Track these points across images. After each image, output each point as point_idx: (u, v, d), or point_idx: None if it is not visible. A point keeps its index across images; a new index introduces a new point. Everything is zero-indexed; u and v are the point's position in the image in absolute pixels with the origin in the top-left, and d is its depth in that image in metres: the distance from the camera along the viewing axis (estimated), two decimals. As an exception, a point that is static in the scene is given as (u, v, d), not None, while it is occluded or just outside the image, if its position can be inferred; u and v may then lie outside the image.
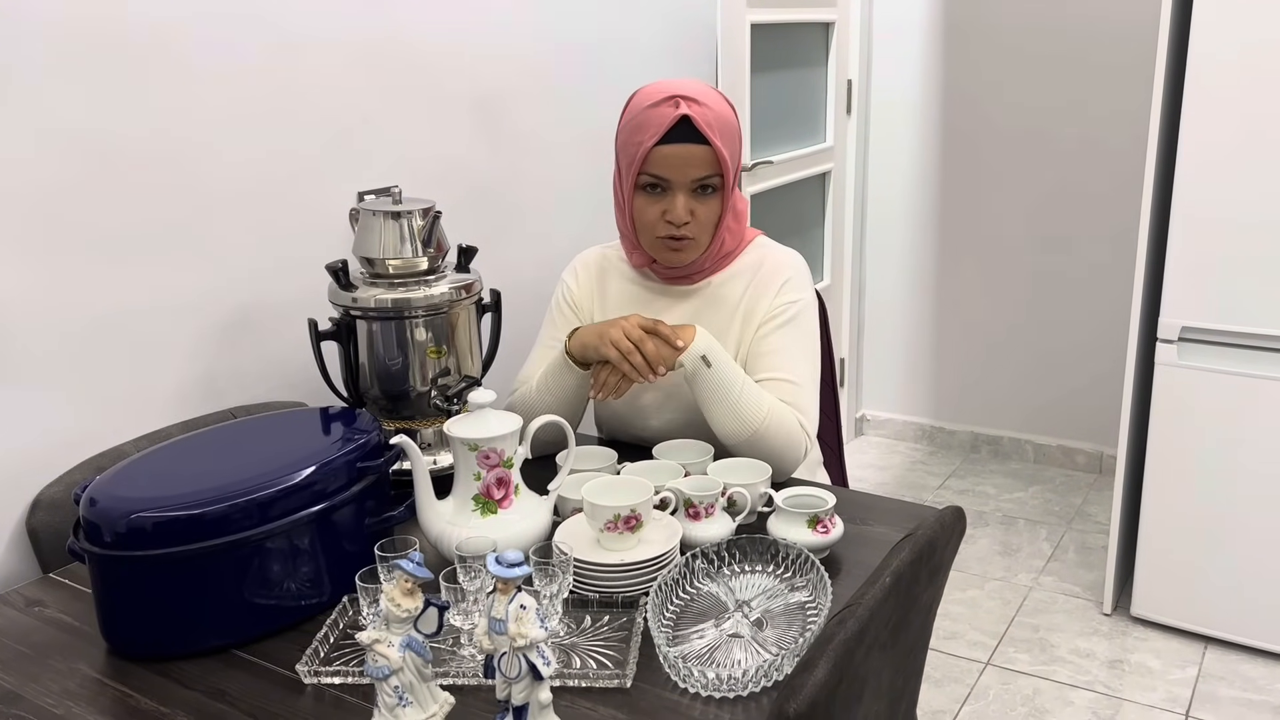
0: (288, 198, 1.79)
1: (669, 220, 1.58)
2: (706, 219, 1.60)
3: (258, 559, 1.21)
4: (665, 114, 1.54)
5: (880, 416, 3.91)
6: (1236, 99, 2.23)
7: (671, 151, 1.55)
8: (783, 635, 1.19)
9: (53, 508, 1.49)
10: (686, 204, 1.57)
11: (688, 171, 1.56)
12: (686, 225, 1.59)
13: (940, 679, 2.44)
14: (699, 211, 1.59)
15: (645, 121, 1.56)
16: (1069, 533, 3.14)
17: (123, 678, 1.17)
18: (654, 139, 1.54)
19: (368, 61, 1.89)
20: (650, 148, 1.55)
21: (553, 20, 2.28)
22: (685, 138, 1.54)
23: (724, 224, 1.64)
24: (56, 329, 1.50)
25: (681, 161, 1.55)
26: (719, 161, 1.56)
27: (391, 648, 1.01)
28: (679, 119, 1.53)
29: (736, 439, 1.55)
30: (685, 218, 1.58)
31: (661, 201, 1.59)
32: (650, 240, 1.63)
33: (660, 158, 1.55)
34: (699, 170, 1.56)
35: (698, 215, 1.59)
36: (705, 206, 1.59)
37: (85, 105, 1.49)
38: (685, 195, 1.57)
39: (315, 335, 1.60)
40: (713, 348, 1.54)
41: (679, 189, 1.57)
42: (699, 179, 1.57)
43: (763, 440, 1.55)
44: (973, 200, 3.54)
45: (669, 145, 1.54)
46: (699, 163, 1.55)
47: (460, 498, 1.33)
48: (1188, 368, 2.40)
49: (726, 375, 1.54)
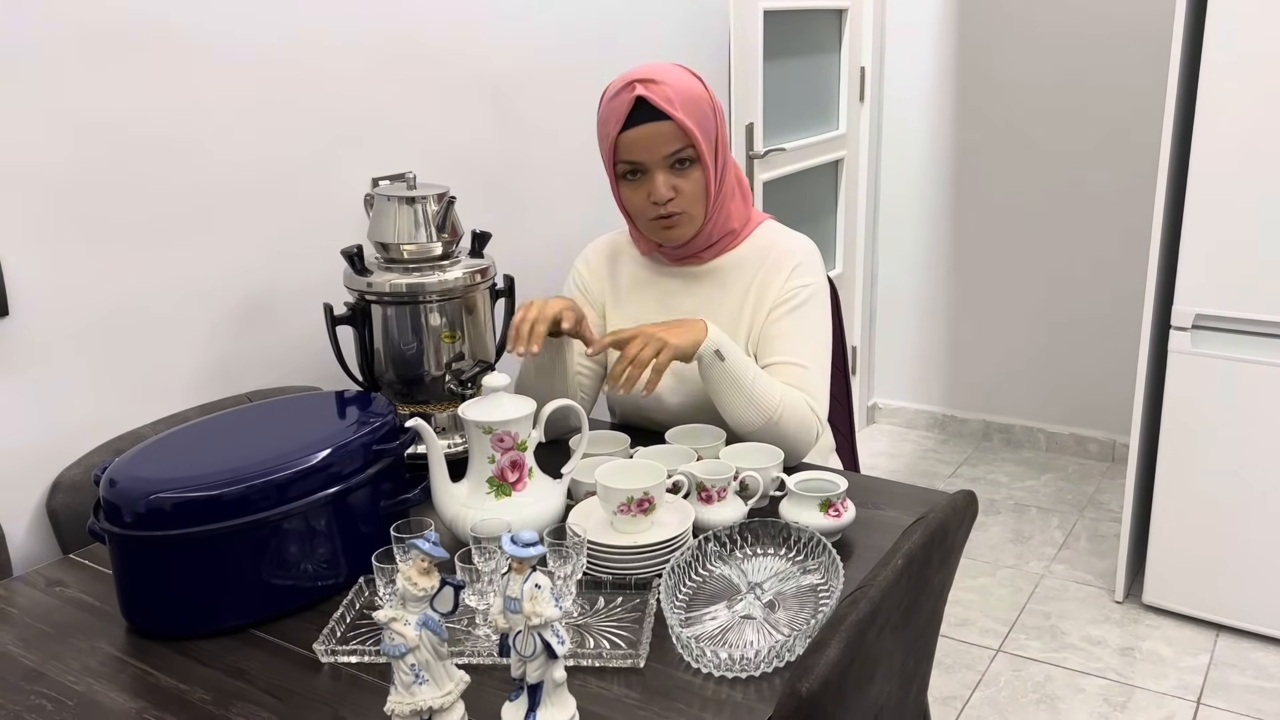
0: (303, 184, 1.80)
1: (654, 201, 1.60)
2: (692, 192, 1.62)
3: (275, 539, 1.23)
4: (622, 100, 1.56)
5: (892, 405, 3.91)
6: (1252, 86, 2.22)
7: (636, 134, 1.57)
8: (794, 617, 1.20)
9: (72, 490, 1.50)
10: (666, 181, 1.59)
11: (657, 150, 1.58)
12: (671, 201, 1.60)
13: (951, 665, 2.45)
14: (681, 186, 1.60)
15: (608, 114, 1.59)
16: (1081, 521, 3.14)
17: (143, 656, 1.18)
18: (618, 127, 1.57)
19: (381, 50, 1.89)
20: (616, 136, 1.58)
21: (565, 8, 2.28)
22: (646, 118, 1.56)
23: (716, 196, 1.65)
24: (75, 315, 1.51)
25: (648, 141, 1.57)
26: (686, 133, 1.57)
27: (408, 626, 1.02)
28: (634, 101, 1.55)
29: (751, 428, 1.56)
30: (667, 194, 1.59)
31: (644, 185, 1.61)
32: (644, 224, 1.66)
33: (628, 143, 1.58)
34: (668, 145, 1.57)
35: (681, 190, 1.61)
36: (687, 180, 1.61)
37: (103, 96, 1.50)
38: (663, 173, 1.59)
39: (331, 320, 1.61)
40: (723, 340, 1.54)
41: (655, 168, 1.59)
42: (671, 154, 1.58)
43: (776, 428, 1.56)
44: (986, 188, 3.53)
45: (633, 129, 1.57)
46: (665, 139, 1.57)
47: (475, 480, 1.34)
48: (1201, 355, 2.39)
49: (739, 367, 1.55)
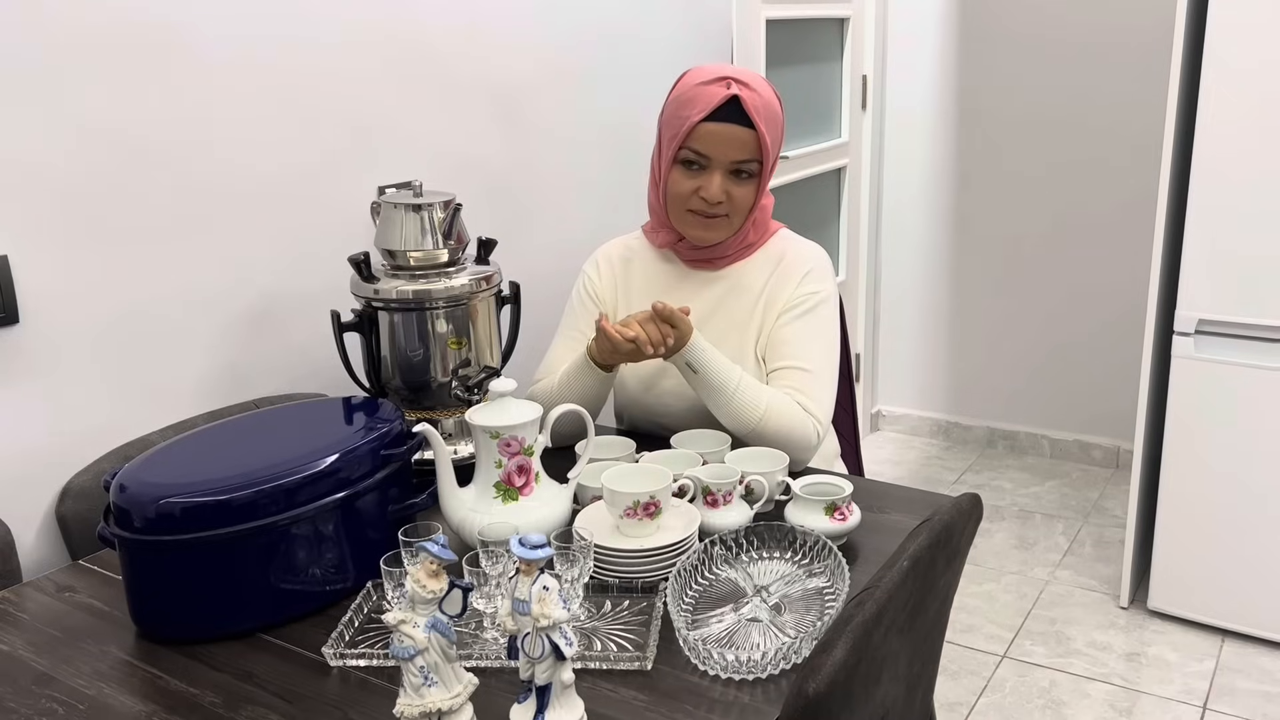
0: (310, 192, 1.81)
1: (703, 197, 1.61)
2: (741, 202, 1.63)
3: (284, 544, 1.23)
4: (715, 92, 1.56)
5: (896, 412, 3.91)
6: (1252, 91, 2.23)
7: (716, 129, 1.57)
8: (801, 620, 1.21)
9: (81, 496, 1.51)
10: (722, 184, 1.60)
11: (728, 152, 1.58)
12: (720, 205, 1.61)
13: (957, 671, 2.45)
14: (734, 194, 1.61)
15: (695, 97, 1.58)
16: (1086, 527, 3.14)
17: (153, 660, 1.19)
18: (701, 114, 1.56)
19: (388, 57, 1.91)
20: (696, 123, 1.57)
21: (569, 16, 2.29)
22: (731, 118, 1.56)
23: (754, 213, 1.66)
24: (84, 322, 1.52)
25: (724, 141, 1.57)
26: (760, 147, 1.58)
27: (417, 628, 1.02)
28: (729, 98, 1.56)
29: (739, 433, 1.59)
30: (720, 197, 1.60)
31: (698, 178, 1.61)
32: (679, 213, 1.65)
33: (704, 134, 1.58)
34: (740, 153, 1.58)
35: (733, 197, 1.61)
36: (741, 190, 1.62)
37: (111, 102, 1.52)
38: (722, 175, 1.60)
39: (338, 326, 1.62)
40: (700, 356, 1.55)
41: (717, 168, 1.60)
42: (738, 161, 1.59)
43: (762, 435, 1.57)
44: (988, 195, 3.54)
45: (714, 123, 1.57)
46: (741, 145, 1.58)
47: (482, 485, 1.35)
48: (1205, 360, 2.40)
49: (717, 378, 1.56)
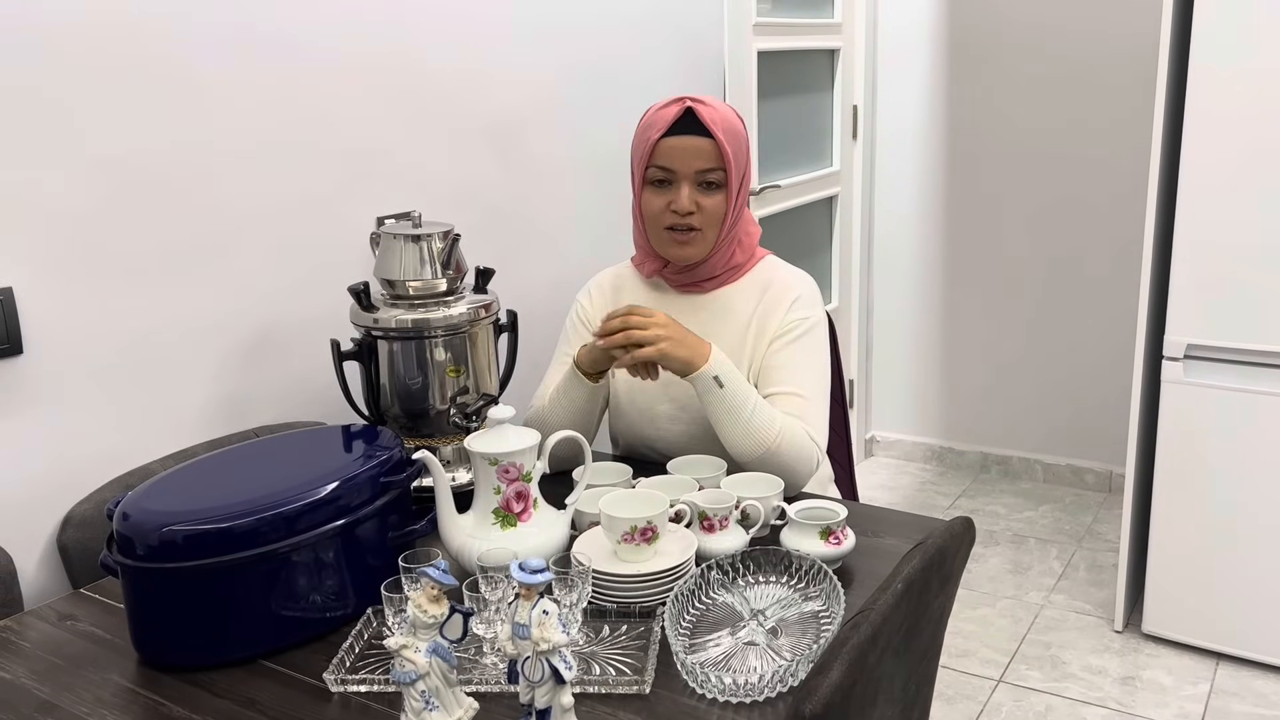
0: (310, 222, 1.84)
1: (673, 210, 1.66)
2: (711, 213, 1.67)
3: (285, 571, 1.25)
4: (670, 110, 1.65)
5: (889, 437, 3.93)
6: (1236, 115, 2.27)
7: (676, 142, 1.64)
8: (797, 643, 1.22)
9: (83, 524, 1.52)
10: (691, 195, 1.66)
11: (691, 162, 1.64)
12: (691, 216, 1.66)
13: (953, 696, 2.45)
14: (704, 204, 1.67)
15: (653, 120, 1.67)
16: (1079, 551, 3.16)
17: (155, 687, 1.20)
18: (660, 132, 1.64)
19: (387, 89, 1.94)
20: (656, 140, 1.65)
21: (565, 49, 2.33)
22: (689, 130, 1.64)
23: (732, 229, 1.70)
24: (87, 351, 1.54)
25: (685, 152, 1.64)
26: (721, 155, 1.64)
27: (418, 653, 1.04)
28: (683, 111, 1.64)
29: (749, 456, 1.59)
30: (689, 207, 1.65)
31: (667, 193, 1.67)
32: (658, 234, 1.70)
33: (666, 149, 1.65)
34: (702, 162, 1.64)
35: (703, 207, 1.67)
36: (710, 200, 1.67)
37: (112, 135, 1.54)
38: (690, 186, 1.66)
39: (338, 355, 1.64)
40: (725, 368, 1.57)
41: (684, 179, 1.65)
42: (702, 170, 1.65)
43: (775, 458, 1.58)
44: (978, 222, 3.58)
45: (674, 137, 1.64)
46: (702, 155, 1.64)
47: (481, 511, 1.36)
48: (1194, 385, 2.42)
49: (739, 395, 1.57)
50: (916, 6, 3.51)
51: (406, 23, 1.95)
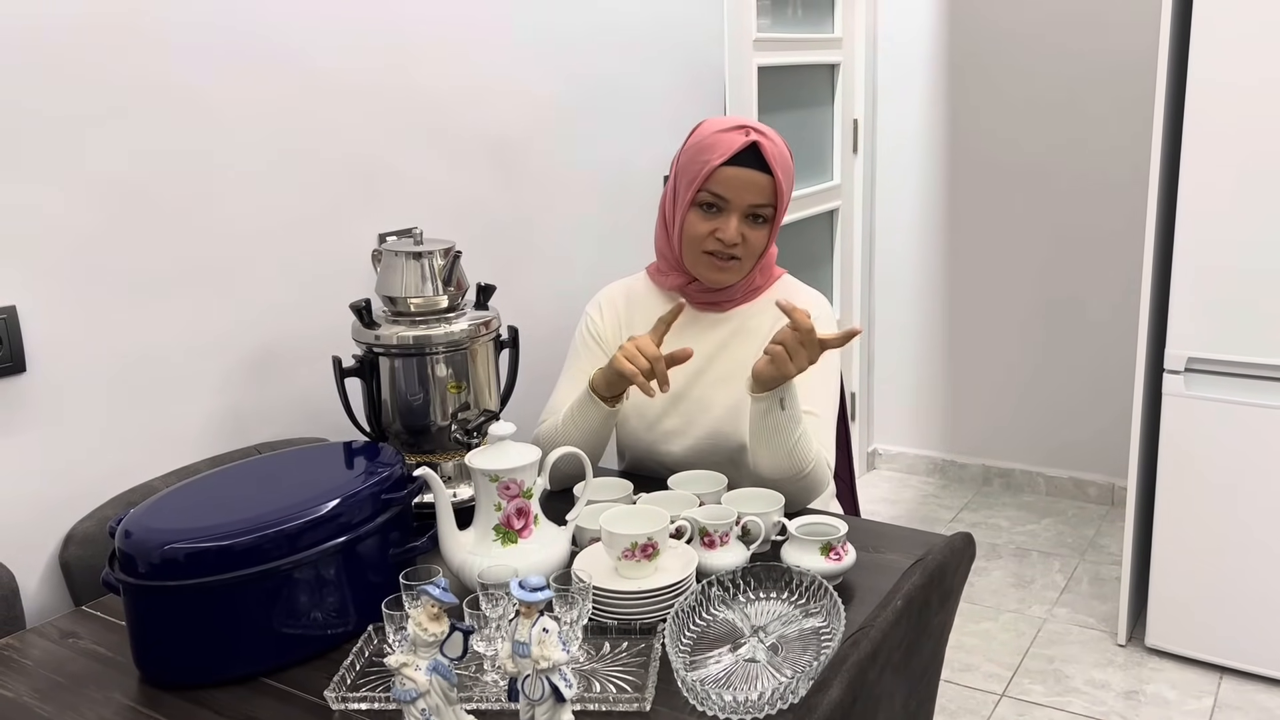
0: (312, 239, 1.84)
1: (719, 238, 1.65)
2: (754, 245, 1.68)
3: (286, 588, 1.25)
4: (735, 138, 1.62)
5: (891, 451, 3.93)
6: (1235, 129, 2.27)
7: (735, 174, 1.63)
8: (797, 659, 1.22)
9: (85, 542, 1.53)
10: (739, 227, 1.65)
11: (746, 196, 1.63)
12: (736, 247, 1.66)
13: (956, 710, 2.45)
14: (749, 237, 1.66)
15: (715, 143, 1.64)
16: (1082, 564, 3.15)
17: (156, 705, 1.20)
18: (721, 159, 1.62)
19: (389, 106, 1.95)
20: (716, 166, 1.62)
21: (566, 65, 2.34)
22: (750, 163, 1.63)
23: (763, 257, 1.71)
24: (89, 370, 1.55)
25: (742, 185, 1.63)
26: (775, 192, 1.64)
27: (419, 671, 1.04)
28: (749, 144, 1.62)
29: (777, 476, 1.56)
30: (736, 239, 1.65)
31: (715, 220, 1.66)
32: (694, 255, 1.69)
33: (724, 178, 1.63)
34: (757, 197, 1.64)
35: (747, 240, 1.66)
36: (755, 233, 1.67)
37: (115, 152, 1.55)
38: (739, 218, 1.65)
39: (339, 372, 1.64)
40: (794, 390, 1.53)
41: (734, 210, 1.65)
42: (755, 205, 1.64)
43: (799, 483, 1.57)
44: (979, 236, 3.59)
45: (734, 167, 1.62)
46: (758, 190, 1.63)
47: (481, 528, 1.37)
48: (1195, 398, 2.42)
49: (796, 418, 1.54)
50: (916, 22, 3.53)
51: (408, 40, 1.97)
